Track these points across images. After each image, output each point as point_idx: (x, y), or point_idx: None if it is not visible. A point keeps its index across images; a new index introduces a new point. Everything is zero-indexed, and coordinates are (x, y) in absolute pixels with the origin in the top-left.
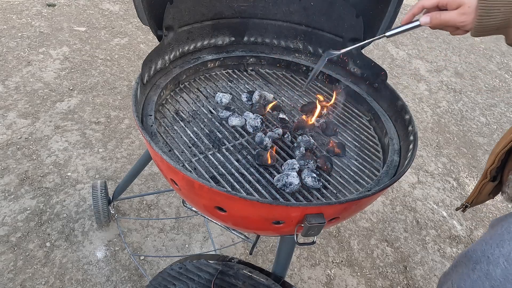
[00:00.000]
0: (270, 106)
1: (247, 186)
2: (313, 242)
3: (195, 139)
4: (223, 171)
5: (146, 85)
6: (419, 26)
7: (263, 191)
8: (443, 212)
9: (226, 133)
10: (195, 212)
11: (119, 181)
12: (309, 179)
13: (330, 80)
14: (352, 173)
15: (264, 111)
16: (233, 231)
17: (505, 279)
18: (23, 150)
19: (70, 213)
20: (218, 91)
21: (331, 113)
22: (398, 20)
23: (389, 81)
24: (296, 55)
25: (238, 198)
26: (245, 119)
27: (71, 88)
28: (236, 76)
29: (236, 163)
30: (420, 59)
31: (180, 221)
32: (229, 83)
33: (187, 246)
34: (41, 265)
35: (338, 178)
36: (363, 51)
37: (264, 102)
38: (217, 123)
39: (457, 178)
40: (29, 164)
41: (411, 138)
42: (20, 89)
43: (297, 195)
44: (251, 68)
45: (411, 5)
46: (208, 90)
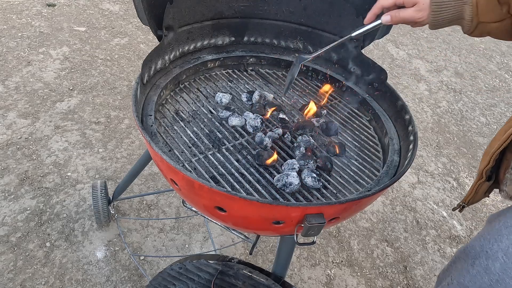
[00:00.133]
0: (271, 111)
1: (247, 186)
2: (313, 242)
3: (195, 139)
4: (223, 171)
5: (146, 85)
6: (381, 25)
7: (263, 191)
8: (443, 212)
9: (226, 133)
10: (195, 212)
11: (119, 181)
12: (309, 179)
13: (330, 80)
14: (352, 173)
15: (266, 115)
16: (233, 231)
17: (503, 273)
18: (23, 150)
19: (70, 213)
20: (218, 91)
21: (331, 113)
22: None
23: (389, 81)
24: (296, 55)
25: (238, 198)
26: (245, 119)
27: (71, 88)
28: (236, 76)
29: (236, 163)
30: (420, 59)
31: (180, 221)
32: (229, 83)
33: (187, 246)
34: (41, 265)
35: (338, 178)
36: (363, 51)
37: (264, 102)
38: (217, 123)
39: (457, 178)
40: (29, 164)
41: (411, 138)
42: (20, 89)
43: (297, 195)
44: (251, 68)
45: None
46: (208, 90)
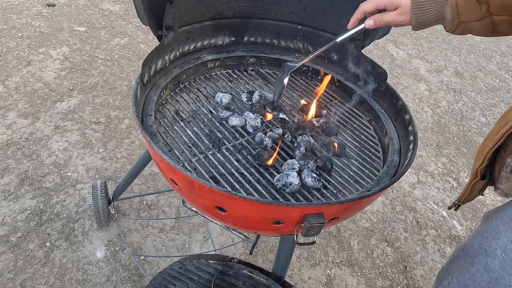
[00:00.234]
0: (271, 117)
1: (247, 186)
2: (313, 242)
3: (195, 139)
4: (223, 171)
5: (146, 85)
6: (364, 29)
7: (263, 191)
8: (443, 212)
9: (226, 133)
10: (195, 212)
11: (119, 181)
12: (309, 179)
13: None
14: (352, 173)
15: (266, 117)
16: (233, 231)
17: (503, 270)
18: (23, 150)
19: (70, 213)
20: (218, 91)
21: (331, 113)
22: None
23: (389, 81)
24: (296, 55)
25: (238, 198)
26: (245, 119)
27: (71, 88)
28: (236, 76)
29: (236, 163)
30: (420, 59)
31: (180, 221)
32: (229, 83)
33: (187, 246)
34: (41, 265)
35: (338, 178)
36: (363, 51)
37: (264, 102)
38: (217, 123)
39: (457, 178)
40: (29, 164)
41: (411, 138)
42: (20, 89)
43: (297, 195)
44: (251, 68)
45: None
46: (208, 90)
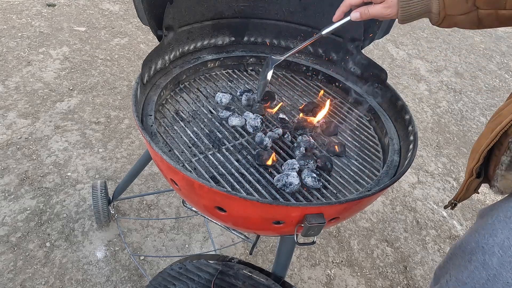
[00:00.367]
0: (276, 109)
1: (247, 186)
2: (313, 242)
3: (195, 139)
4: (223, 171)
5: (146, 85)
6: (350, 21)
7: (263, 191)
8: (443, 212)
9: (226, 133)
10: (195, 212)
11: (119, 181)
12: (309, 179)
13: (329, 80)
14: (352, 173)
15: (264, 111)
16: (233, 231)
17: (501, 267)
18: (23, 150)
19: (70, 213)
20: (218, 91)
21: (331, 113)
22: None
23: (389, 81)
24: (296, 55)
25: (238, 198)
26: (245, 119)
27: (71, 88)
28: (236, 76)
29: (236, 163)
30: (420, 59)
31: (180, 221)
32: (229, 83)
33: (187, 246)
34: (41, 265)
35: (338, 178)
36: (363, 51)
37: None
38: (217, 123)
39: (457, 178)
40: (29, 164)
41: (411, 138)
42: (20, 89)
43: (297, 195)
44: (251, 68)
45: None
46: (208, 90)
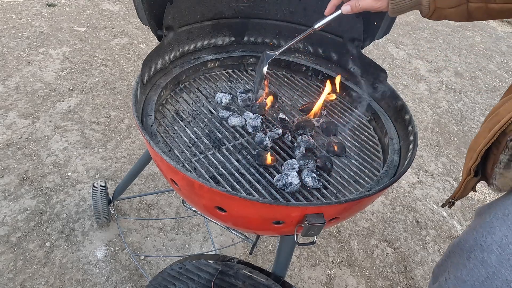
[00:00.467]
0: (269, 104)
1: (247, 186)
2: (313, 242)
3: (195, 139)
4: (223, 171)
5: (146, 85)
6: (341, 15)
7: (263, 191)
8: (443, 212)
9: (226, 133)
10: (195, 212)
11: (119, 181)
12: (309, 179)
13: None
14: (352, 173)
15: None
16: (233, 231)
17: (500, 264)
18: (23, 150)
19: (70, 213)
20: (218, 91)
21: (331, 113)
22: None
23: (389, 81)
24: (296, 55)
25: (238, 198)
26: (245, 119)
27: (71, 88)
28: (236, 76)
29: (236, 163)
30: (420, 59)
31: (180, 221)
32: (229, 83)
33: (187, 246)
34: (41, 265)
35: (338, 178)
36: (363, 51)
37: (252, 102)
38: (217, 123)
39: (457, 178)
40: (29, 164)
41: (411, 138)
42: (20, 89)
43: (297, 195)
44: (251, 68)
45: None
46: (208, 90)
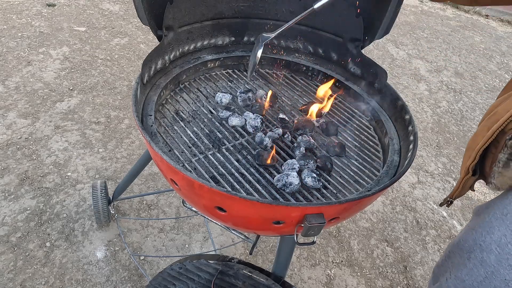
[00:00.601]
0: (268, 103)
1: (247, 186)
2: (313, 242)
3: (195, 139)
4: (223, 171)
5: (146, 85)
6: None
7: (263, 191)
8: (443, 212)
9: (226, 133)
10: (195, 212)
11: (119, 181)
12: (309, 179)
13: (329, 80)
14: (352, 173)
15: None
16: (233, 231)
17: (498, 264)
18: (23, 150)
19: (70, 213)
20: (218, 91)
21: (331, 113)
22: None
23: (389, 81)
24: (296, 55)
25: (238, 198)
26: (245, 119)
27: (71, 88)
28: (236, 76)
29: (236, 163)
30: (420, 59)
31: (180, 221)
32: (229, 83)
33: (187, 246)
34: (41, 265)
35: (338, 178)
36: (363, 51)
37: (252, 102)
38: (217, 123)
39: (457, 178)
40: (29, 164)
41: (411, 138)
42: (20, 89)
43: (297, 195)
44: None
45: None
46: (208, 90)
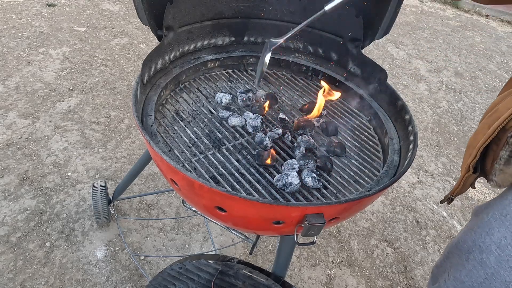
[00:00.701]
0: (268, 103)
1: (247, 186)
2: (313, 242)
3: (195, 139)
4: (223, 171)
5: (146, 85)
6: None
7: (263, 191)
8: (443, 212)
9: (226, 133)
10: (195, 212)
11: (119, 181)
12: (309, 179)
13: (329, 80)
14: (352, 173)
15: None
16: (233, 231)
17: (498, 265)
18: (23, 150)
19: (70, 213)
20: (218, 91)
21: (331, 113)
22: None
23: (389, 81)
24: (296, 55)
25: (238, 198)
26: (245, 119)
27: (71, 88)
28: (236, 76)
29: (236, 163)
30: (420, 59)
31: (180, 221)
32: (229, 83)
33: (187, 246)
34: (41, 265)
35: (338, 178)
36: (363, 51)
37: (252, 101)
38: (217, 123)
39: (457, 178)
40: (29, 164)
41: (411, 138)
42: (20, 89)
43: (297, 195)
44: (251, 68)
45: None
46: (208, 90)
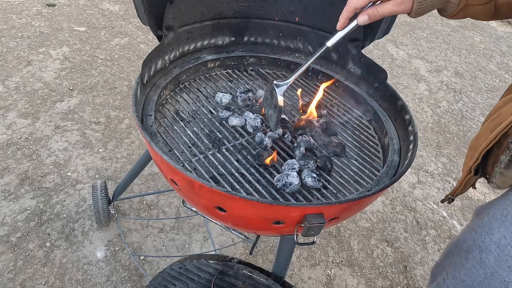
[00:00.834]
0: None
1: (247, 186)
2: (313, 242)
3: (195, 139)
4: (223, 171)
5: (146, 85)
6: (357, 26)
7: (263, 191)
8: (443, 212)
9: (226, 133)
10: (195, 212)
11: (119, 181)
12: (309, 179)
13: (329, 80)
14: (352, 173)
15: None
16: (233, 231)
17: (497, 265)
18: (23, 150)
19: (70, 213)
20: (218, 91)
21: (331, 113)
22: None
23: (389, 81)
24: (296, 55)
25: (238, 198)
26: (245, 119)
27: (71, 88)
28: (236, 76)
29: (236, 163)
30: (420, 59)
31: (180, 221)
32: (229, 83)
33: (187, 246)
34: (41, 265)
35: (338, 178)
36: (363, 51)
37: (252, 102)
38: (217, 123)
39: (457, 178)
40: (29, 164)
41: (411, 138)
42: (20, 89)
43: (297, 195)
44: (251, 68)
45: None
46: (208, 90)
